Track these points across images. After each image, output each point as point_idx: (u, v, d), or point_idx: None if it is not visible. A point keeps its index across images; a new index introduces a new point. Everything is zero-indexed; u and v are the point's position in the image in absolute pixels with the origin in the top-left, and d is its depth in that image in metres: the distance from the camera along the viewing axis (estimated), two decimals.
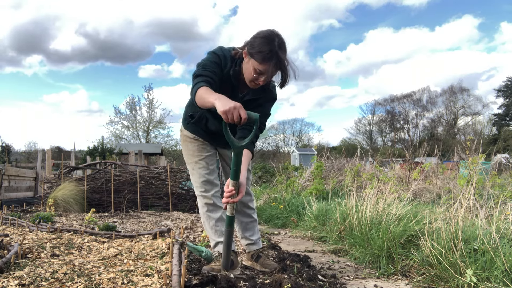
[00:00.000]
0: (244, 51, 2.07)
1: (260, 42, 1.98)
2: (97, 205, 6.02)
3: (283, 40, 2.03)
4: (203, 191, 2.40)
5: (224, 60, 2.12)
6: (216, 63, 2.10)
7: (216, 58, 2.11)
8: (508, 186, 5.00)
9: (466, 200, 3.17)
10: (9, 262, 2.19)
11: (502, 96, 37.35)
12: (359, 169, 7.39)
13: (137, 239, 3.14)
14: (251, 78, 2.06)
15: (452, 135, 37.19)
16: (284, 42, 2.03)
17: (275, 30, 2.06)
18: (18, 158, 28.64)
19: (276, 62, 1.98)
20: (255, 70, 2.02)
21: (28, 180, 7.44)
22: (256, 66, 2.01)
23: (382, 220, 3.14)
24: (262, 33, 2.03)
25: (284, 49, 2.02)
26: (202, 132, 2.41)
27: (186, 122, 2.44)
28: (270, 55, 1.96)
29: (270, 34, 2.01)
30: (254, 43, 2.00)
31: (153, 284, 1.94)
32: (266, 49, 1.96)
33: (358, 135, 44.29)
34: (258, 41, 2.00)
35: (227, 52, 2.15)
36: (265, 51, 1.96)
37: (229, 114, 1.71)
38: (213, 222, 2.42)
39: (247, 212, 2.59)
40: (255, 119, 1.80)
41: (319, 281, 2.26)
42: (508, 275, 2.07)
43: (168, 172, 6.61)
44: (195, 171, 2.43)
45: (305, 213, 4.70)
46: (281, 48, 1.99)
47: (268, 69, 2.01)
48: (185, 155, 2.51)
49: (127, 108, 34.21)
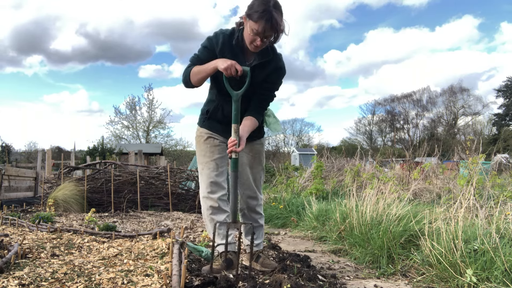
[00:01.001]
0: (243, 16, 2.20)
1: (257, 3, 2.12)
2: (97, 205, 6.02)
3: (277, 1, 2.14)
4: (210, 192, 2.38)
5: (215, 39, 2.28)
6: (207, 47, 2.30)
7: (207, 42, 2.30)
8: (508, 186, 5.00)
9: (466, 200, 3.17)
10: (9, 262, 2.19)
11: (502, 96, 37.36)
12: (359, 169, 7.39)
13: (137, 239, 3.14)
14: (250, 39, 2.17)
15: (452, 135, 37.19)
16: (278, 4, 2.14)
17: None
18: (18, 158, 28.63)
19: (270, 19, 2.08)
20: (252, 30, 2.13)
21: (28, 180, 7.44)
22: (252, 26, 2.12)
23: (382, 220, 3.14)
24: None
25: (279, 9, 2.13)
26: (218, 125, 2.46)
27: (202, 120, 2.52)
28: (265, 13, 2.07)
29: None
30: (252, 5, 2.14)
31: (153, 284, 1.94)
32: (261, 8, 2.09)
33: (358, 135, 44.33)
34: (255, 2, 2.14)
35: (221, 31, 2.30)
36: (260, 10, 2.09)
37: (228, 70, 2.10)
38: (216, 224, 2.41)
39: (254, 217, 2.61)
40: (247, 71, 2.17)
41: (319, 281, 2.26)
42: (508, 275, 2.07)
43: (168, 172, 6.61)
44: (204, 171, 2.43)
45: (305, 213, 4.70)
46: (276, 8, 2.11)
47: (264, 27, 2.10)
48: (197, 156, 2.55)
49: (127, 108, 34.22)
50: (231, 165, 2.22)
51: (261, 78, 2.32)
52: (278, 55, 2.38)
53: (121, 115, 33.75)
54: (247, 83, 2.19)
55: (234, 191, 2.24)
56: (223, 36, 2.27)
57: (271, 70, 2.34)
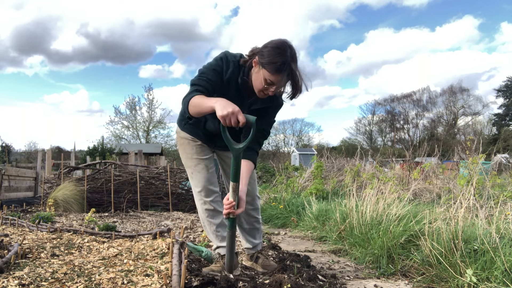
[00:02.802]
0: (254, 60, 2.01)
1: (273, 53, 1.92)
2: (97, 205, 6.02)
3: (295, 51, 1.97)
4: (204, 196, 2.34)
5: (226, 65, 2.08)
6: (216, 70, 2.06)
7: (217, 65, 2.07)
8: (508, 186, 5.00)
9: (466, 200, 3.17)
10: (9, 262, 2.19)
11: (502, 96, 37.36)
12: (359, 169, 7.39)
13: (137, 239, 3.14)
14: (261, 88, 2.01)
15: (452, 135, 37.19)
16: (296, 54, 1.97)
17: (287, 41, 1.99)
18: (18, 158, 28.63)
19: (289, 73, 1.93)
20: (266, 80, 1.97)
21: (28, 180, 7.44)
22: (267, 76, 1.95)
23: (382, 220, 3.14)
24: (274, 42, 1.96)
25: (296, 60, 1.97)
26: (201, 133, 2.34)
27: (183, 123, 2.36)
28: (283, 66, 1.90)
29: (282, 44, 1.95)
30: (266, 53, 1.94)
31: (153, 284, 1.94)
32: (279, 60, 1.90)
33: (358, 135, 44.32)
34: (270, 51, 1.93)
35: (232, 57, 2.11)
36: (277, 62, 1.90)
37: (227, 119, 1.74)
38: (214, 227, 2.39)
39: (250, 220, 2.56)
40: (252, 123, 1.81)
41: (319, 281, 2.25)
42: (508, 275, 2.07)
43: (168, 172, 6.61)
44: (195, 175, 2.36)
45: (305, 213, 4.70)
46: (293, 60, 1.94)
47: (280, 80, 1.96)
48: (183, 158, 2.43)
49: (127, 108, 34.27)
50: (228, 225, 2.04)
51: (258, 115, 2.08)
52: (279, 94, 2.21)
53: (121, 115, 33.82)
54: (250, 136, 1.84)
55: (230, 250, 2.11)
56: (233, 65, 2.08)
57: (270, 110, 2.25)
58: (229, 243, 2.10)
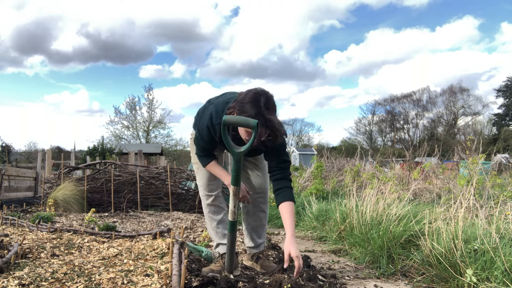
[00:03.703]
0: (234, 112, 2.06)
1: (248, 107, 1.99)
2: (97, 205, 6.02)
3: (269, 97, 2.03)
4: (208, 191, 2.47)
5: (213, 131, 2.21)
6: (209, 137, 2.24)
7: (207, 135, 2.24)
8: (508, 186, 5.00)
9: (466, 200, 3.17)
10: (9, 262, 2.19)
11: (502, 96, 37.35)
12: (359, 169, 7.39)
13: (137, 239, 3.14)
14: (245, 139, 2.08)
15: (452, 135, 37.18)
16: (270, 99, 2.03)
17: (260, 90, 2.05)
18: (18, 158, 28.63)
19: (263, 122, 1.97)
20: (246, 132, 2.05)
21: (28, 180, 7.44)
22: (246, 129, 2.02)
23: (382, 220, 3.14)
24: (249, 96, 2.02)
25: (271, 106, 2.02)
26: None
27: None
28: (257, 117, 1.96)
29: (256, 96, 2.02)
30: (243, 108, 2.01)
31: (153, 284, 1.94)
32: (253, 112, 1.97)
33: (358, 135, 44.33)
34: (246, 106, 2.01)
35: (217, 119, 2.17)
36: (252, 114, 1.97)
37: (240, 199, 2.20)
38: (215, 224, 2.47)
39: (259, 215, 2.61)
40: (253, 126, 1.90)
41: (319, 281, 2.25)
42: (508, 275, 2.07)
43: (168, 172, 6.60)
44: (200, 170, 2.48)
45: (305, 213, 4.70)
46: (268, 108, 2.00)
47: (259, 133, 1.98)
48: (192, 153, 2.53)
49: (127, 108, 34.26)
50: (228, 227, 2.09)
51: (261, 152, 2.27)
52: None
53: (121, 115, 33.81)
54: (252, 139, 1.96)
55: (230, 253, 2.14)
56: (219, 127, 2.16)
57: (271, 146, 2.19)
58: (229, 245, 2.12)
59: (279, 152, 2.26)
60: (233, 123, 1.97)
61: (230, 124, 1.98)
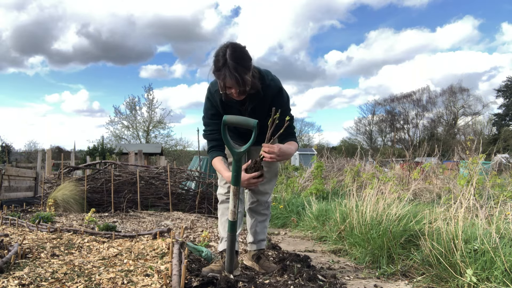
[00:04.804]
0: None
1: (215, 60, 2.02)
2: (97, 205, 6.02)
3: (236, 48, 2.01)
4: (221, 184, 2.53)
5: (213, 99, 2.26)
6: (211, 109, 2.29)
7: (209, 105, 2.30)
8: (508, 186, 5.00)
9: (466, 200, 3.17)
10: (9, 262, 2.19)
11: (502, 96, 37.35)
12: (359, 169, 7.39)
13: (137, 239, 3.14)
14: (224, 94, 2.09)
15: (452, 135, 37.17)
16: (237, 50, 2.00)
17: (228, 42, 2.05)
18: (18, 158, 28.62)
19: (226, 71, 1.96)
20: (221, 87, 2.06)
21: (28, 180, 7.44)
22: (220, 83, 2.05)
23: (382, 220, 3.14)
24: (216, 51, 2.05)
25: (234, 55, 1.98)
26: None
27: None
28: (219, 67, 1.98)
29: (218, 49, 2.04)
30: (213, 64, 2.04)
31: (153, 284, 1.94)
32: (217, 66, 2.00)
33: (358, 135, 44.34)
34: (214, 60, 2.03)
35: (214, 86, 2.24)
36: (216, 68, 2.01)
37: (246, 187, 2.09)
38: (224, 218, 2.48)
39: (262, 212, 2.63)
40: (254, 126, 1.94)
41: (319, 281, 2.25)
42: (508, 275, 2.07)
43: (168, 172, 6.60)
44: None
45: (305, 213, 4.70)
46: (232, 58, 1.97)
47: (226, 81, 2.00)
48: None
49: (127, 108, 34.28)
50: (228, 227, 2.10)
51: (266, 108, 2.21)
52: (271, 83, 2.23)
53: (121, 115, 33.82)
54: (252, 139, 1.97)
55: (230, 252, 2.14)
56: (216, 93, 2.21)
57: (271, 100, 2.22)
58: (229, 244, 2.12)
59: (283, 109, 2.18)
60: (233, 123, 1.98)
61: (230, 124, 1.99)
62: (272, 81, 2.24)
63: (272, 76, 2.27)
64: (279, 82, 2.28)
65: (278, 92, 2.25)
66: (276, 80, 2.27)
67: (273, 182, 2.63)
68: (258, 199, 2.57)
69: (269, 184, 2.57)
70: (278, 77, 2.31)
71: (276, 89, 2.24)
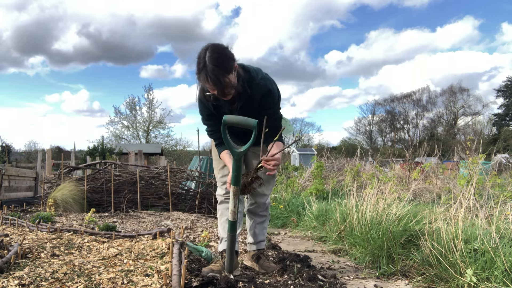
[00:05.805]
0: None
1: (196, 63, 2.03)
2: (97, 205, 6.02)
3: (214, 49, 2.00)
4: (220, 185, 2.56)
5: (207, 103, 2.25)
6: (203, 109, 2.33)
7: (200, 105, 2.32)
8: (508, 186, 5.00)
9: (466, 200, 3.17)
10: (9, 262, 2.19)
11: (502, 96, 37.35)
12: (359, 169, 7.39)
13: (137, 239, 3.14)
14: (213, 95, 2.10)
15: (452, 135, 37.17)
16: (213, 51, 1.99)
17: (209, 44, 2.04)
18: (18, 158, 28.62)
19: (205, 74, 1.98)
20: (204, 89, 2.11)
21: (28, 180, 7.44)
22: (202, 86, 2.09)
23: (382, 220, 3.14)
24: (197, 53, 2.05)
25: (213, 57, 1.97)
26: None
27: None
28: (199, 70, 1.99)
29: (200, 51, 2.03)
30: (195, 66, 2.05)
31: (153, 284, 1.94)
32: (197, 69, 2.01)
33: (358, 135, 44.36)
34: (196, 63, 2.03)
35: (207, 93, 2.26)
36: (196, 70, 2.02)
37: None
38: (224, 219, 2.49)
39: (260, 213, 2.63)
40: (253, 126, 1.94)
41: (319, 281, 2.25)
42: (508, 275, 2.07)
43: (168, 172, 6.60)
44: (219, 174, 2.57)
45: (305, 213, 4.70)
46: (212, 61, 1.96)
47: (206, 84, 2.02)
48: (213, 160, 2.64)
49: (127, 108, 34.27)
50: (228, 227, 2.10)
51: (256, 106, 2.22)
52: (260, 82, 2.20)
53: (121, 115, 33.81)
54: (252, 139, 1.97)
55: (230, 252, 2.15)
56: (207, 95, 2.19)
57: (259, 99, 2.22)
58: (229, 244, 2.12)
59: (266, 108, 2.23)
60: (233, 123, 1.98)
61: (230, 124, 1.99)
62: (261, 80, 2.21)
63: (263, 75, 2.24)
64: (271, 81, 2.26)
65: (267, 91, 2.23)
66: (266, 79, 2.24)
67: (271, 184, 2.63)
68: (256, 201, 2.56)
69: (267, 186, 2.56)
70: (274, 77, 2.31)
71: (265, 89, 2.22)
